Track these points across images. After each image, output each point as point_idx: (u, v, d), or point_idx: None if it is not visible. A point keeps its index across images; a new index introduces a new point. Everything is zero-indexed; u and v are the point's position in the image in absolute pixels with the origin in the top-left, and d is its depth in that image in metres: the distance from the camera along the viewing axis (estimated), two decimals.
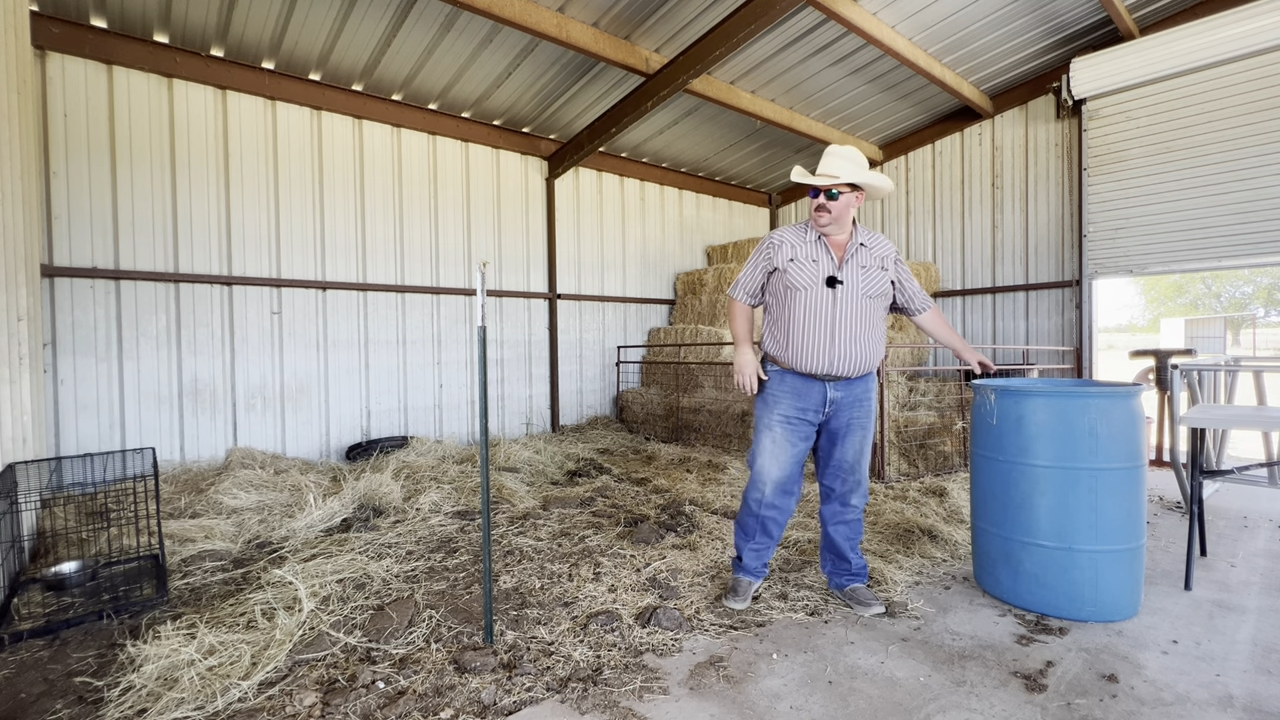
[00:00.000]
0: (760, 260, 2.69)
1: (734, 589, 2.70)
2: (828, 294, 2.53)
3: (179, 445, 5.16)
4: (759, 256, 2.70)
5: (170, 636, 2.27)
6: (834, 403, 2.60)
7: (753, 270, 2.72)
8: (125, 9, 4.67)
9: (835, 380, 2.58)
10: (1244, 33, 5.37)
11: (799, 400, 2.60)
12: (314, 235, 5.86)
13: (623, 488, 4.71)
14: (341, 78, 5.82)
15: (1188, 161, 5.89)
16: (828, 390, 2.59)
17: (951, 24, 5.90)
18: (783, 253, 2.61)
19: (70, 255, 4.71)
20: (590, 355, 8.06)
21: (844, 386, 2.60)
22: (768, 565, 2.80)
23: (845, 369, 2.53)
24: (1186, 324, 26.41)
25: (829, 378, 2.56)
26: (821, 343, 2.51)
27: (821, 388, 2.59)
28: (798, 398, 2.60)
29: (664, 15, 5.38)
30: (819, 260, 2.57)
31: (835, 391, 2.59)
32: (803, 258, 2.58)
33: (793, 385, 2.61)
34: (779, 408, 2.62)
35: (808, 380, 2.59)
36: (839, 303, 2.52)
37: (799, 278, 2.56)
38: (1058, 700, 1.98)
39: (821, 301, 2.53)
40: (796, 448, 2.62)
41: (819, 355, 2.52)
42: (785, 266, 2.59)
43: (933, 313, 2.79)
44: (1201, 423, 3.02)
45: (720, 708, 1.96)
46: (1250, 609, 2.63)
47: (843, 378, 2.57)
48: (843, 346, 2.51)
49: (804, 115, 7.50)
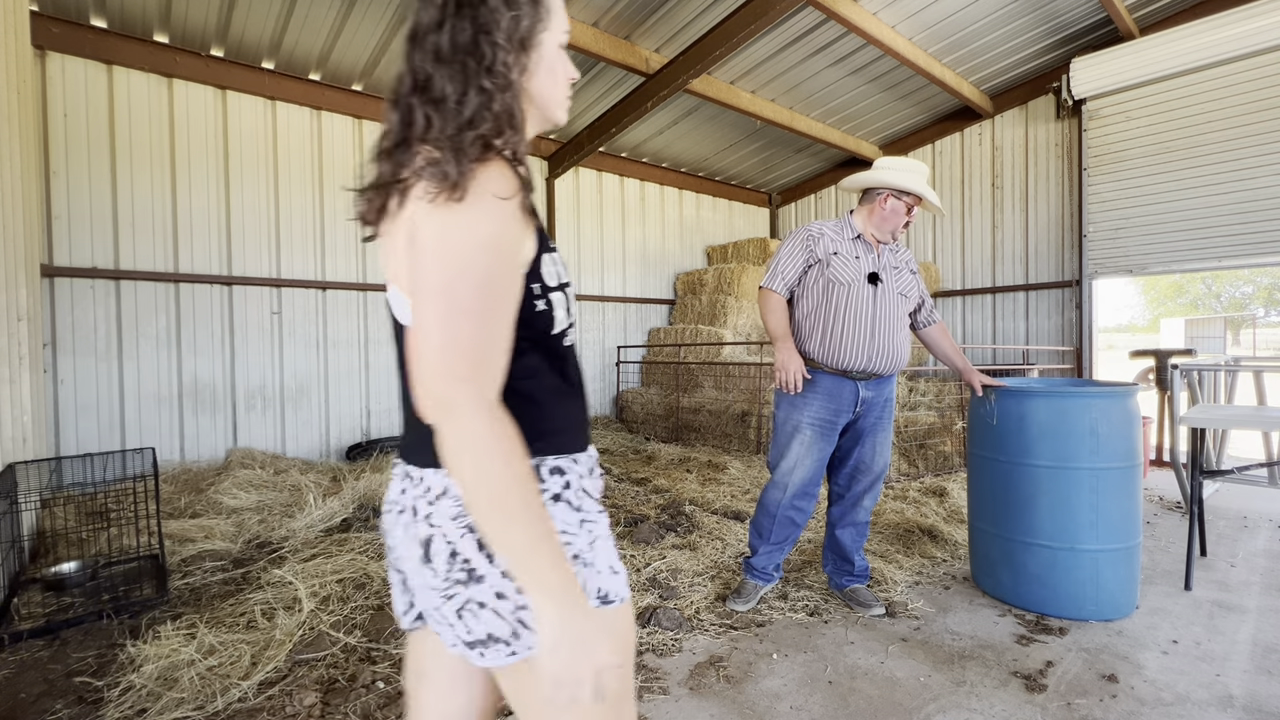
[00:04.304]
0: (799, 250, 2.59)
1: (739, 590, 2.69)
2: (869, 290, 2.51)
3: (179, 445, 5.16)
4: (796, 247, 2.60)
5: (170, 636, 2.27)
6: (865, 402, 2.57)
7: (792, 260, 2.60)
8: (125, 9, 4.67)
9: (869, 379, 2.55)
10: (1244, 33, 5.37)
11: (831, 401, 2.54)
12: (314, 235, 5.86)
13: (623, 488, 4.71)
14: (341, 78, 5.82)
15: (1188, 161, 5.89)
16: (860, 390, 2.55)
17: (951, 24, 5.89)
18: (824, 245, 2.56)
19: (70, 255, 4.71)
20: (590, 355, 8.06)
21: (875, 386, 2.58)
22: (780, 569, 2.75)
23: (882, 366, 2.52)
24: (1186, 324, 26.43)
25: (864, 375, 2.53)
26: (862, 339, 2.49)
27: (854, 387, 2.54)
28: (830, 399, 2.54)
29: (664, 15, 5.38)
30: (861, 257, 2.55)
31: (867, 391, 2.56)
32: (845, 253, 2.54)
33: (825, 386, 2.54)
34: (810, 409, 2.56)
35: (840, 380, 2.54)
36: (879, 300, 2.51)
37: (843, 273, 2.51)
38: (1058, 700, 1.98)
39: (863, 298, 2.50)
40: (824, 451, 2.59)
41: (859, 352, 2.49)
42: (829, 260, 2.53)
43: (938, 328, 2.77)
44: (1201, 423, 3.02)
45: (720, 708, 1.96)
46: (1250, 609, 2.63)
47: (877, 375, 2.55)
48: (881, 343, 2.50)
49: (804, 115, 7.49)
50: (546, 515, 0.75)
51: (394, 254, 0.81)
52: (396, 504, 0.88)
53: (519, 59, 0.81)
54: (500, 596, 0.79)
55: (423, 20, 0.80)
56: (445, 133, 0.75)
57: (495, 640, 0.79)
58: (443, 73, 0.77)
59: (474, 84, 0.77)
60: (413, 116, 0.78)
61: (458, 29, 0.78)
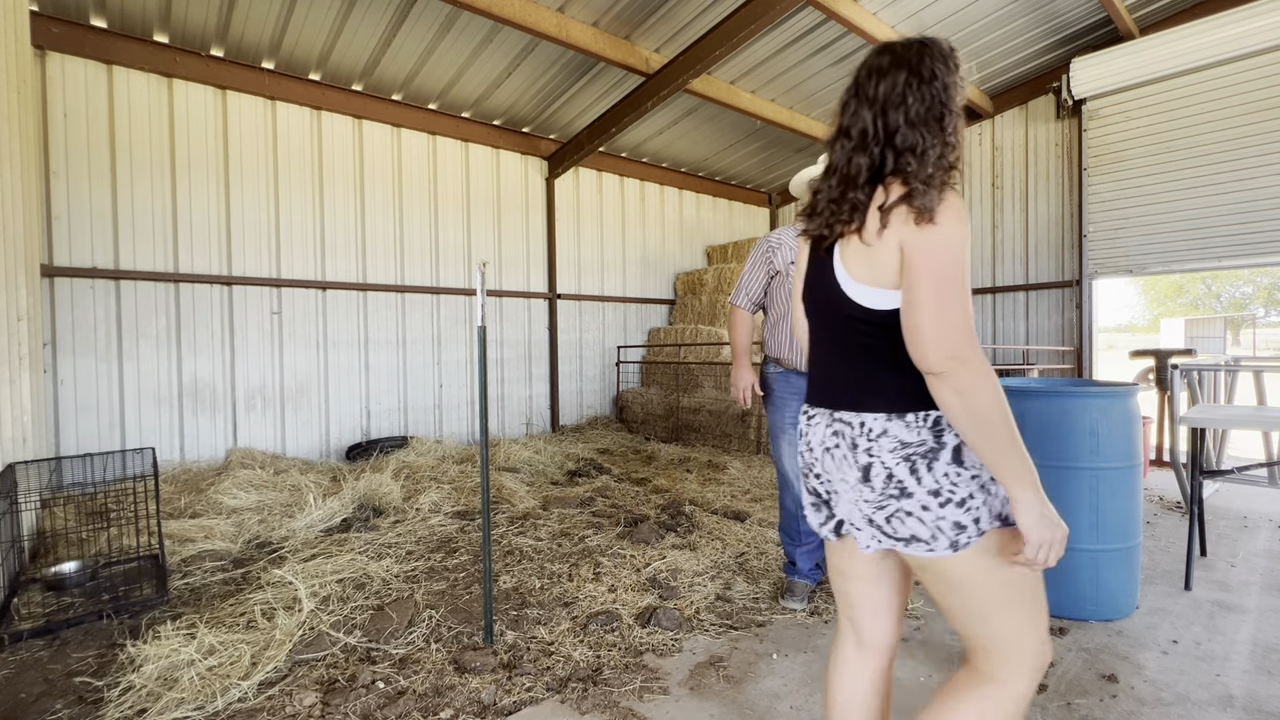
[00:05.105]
0: (760, 265, 2.71)
1: (791, 590, 2.69)
2: None
3: (179, 445, 5.16)
4: (758, 261, 2.72)
5: (170, 636, 2.27)
6: None
7: (753, 275, 2.73)
8: (125, 9, 4.67)
9: None
10: (1244, 33, 5.37)
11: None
12: (314, 235, 5.86)
13: (623, 488, 4.71)
14: (341, 78, 5.82)
15: (1187, 161, 5.89)
16: None
17: (951, 24, 5.89)
18: (781, 255, 2.64)
19: (70, 255, 4.71)
20: (590, 355, 8.06)
21: None
22: (821, 569, 2.76)
23: None
24: (1186, 324, 26.40)
25: None
26: None
27: None
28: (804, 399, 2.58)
29: (664, 15, 5.38)
30: None
31: None
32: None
33: (799, 386, 2.64)
34: (789, 410, 2.66)
35: None
36: None
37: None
38: (1058, 700, 1.98)
39: None
40: None
41: None
42: (787, 270, 2.62)
43: None
44: (1201, 423, 3.02)
45: (720, 708, 1.96)
46: (1250, 609, 2.63)
47: None
48: None
49: (804, 115, 7.49)
50: (1019, 434, 1.03)
51: (860, 256, 1.11)
52: (824, 443, 1.20)
53: (959, 118, 1.13)
54: (925, 509, 1.08)
55: (883, 90, 1.11)
56: (920, 175, 1.06)
57: (916, 540, 1.10)
58: (915, 131, 1.09)
59: (937, 139, 1.09)
60: (884, 160, 1.11)
61: (925, 99, 1.09)
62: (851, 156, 1.14)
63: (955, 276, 1.02)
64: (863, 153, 1.13)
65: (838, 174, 1.17)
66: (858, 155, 1.13)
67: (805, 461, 1.29)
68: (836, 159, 1.18)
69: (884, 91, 1.11)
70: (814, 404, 1.28)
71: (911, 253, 1.04)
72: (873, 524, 1.14)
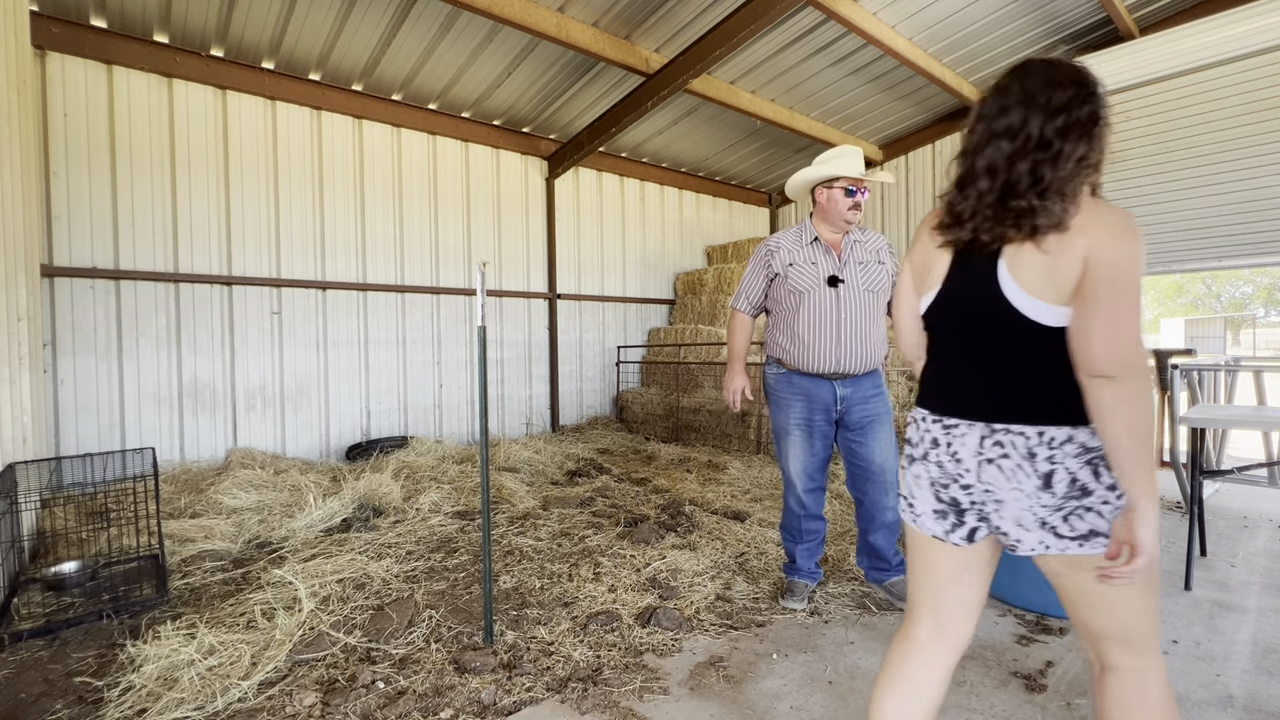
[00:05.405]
0: (759, 268, 2.74)
1: (790, 590, 2.70)
2: (831, 294, 2.58)
3: (179, 445, 5.16)
4: (758, 264, 2.75)
5: (170, 636, 2.27)
6: (844, 399, 2.63)
7: (754, 279, 2.77)
8: (125, 9, 4.67)
9: (842, 378, 2.61)
10: (1244, 33, 5.37)
11: (810, 401, 2.64)
12: (314, 235, 5.86)
13: (622, 488, 4.71)
14: (341, 78, 5.82)
15: (1187, 161, 5.89)
16: (837, 389, 2.62)
17: (951, 24, 5.89)
18: (780, 258, 2.67)
19: (70, 255, 4.71)
20: (590, 355, 8.06)
21: (852, 384, 2.63)
22: (820, 567, 2.80)
23: (851, 366, 2.57)
24: (1186, 324, 26.38)
25: (836, 376, 2.60)
26: (828, 342, 2.56)
27: (830, 387, 2.62)
28: (808, 399, 2.64)
29: (664, 15, 5.38)
30: (818, 262, 2.62)
31: (845, 389, 2.62)
32: (801, 261, 2.63)
33: (801, 387, 2.65)
34: (793, 411, 2.67)
35: (815, 380, 2.63)
36: (842, 301, 2.57)
37: (801, 281, 2.61)
38: (1058, 700, 1.98)
39: (825, 302, 2.57)
40: (818, 448, 2.67)
41: (826, 354, 2.56)
42: (785, 271, 2.64)
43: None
44: (1201, 423, 3.02)
45: (720, 708, 1.96)
46: (1250, 609, 2.63)
47: (849, 375, 2.60)
48: (848, 344, 2.56)
49: (804, 115, 7.50)
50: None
51: (1037, 266, 1.14)
52: (981, 454, 1.21)
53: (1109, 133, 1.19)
54: (1105, 503, 1.13)
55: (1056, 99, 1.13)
56: (1095, 187, 1.20)
57: (1096, 535, 1.13)
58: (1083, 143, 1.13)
59: (1098, 154, 1.17)
60: (1043, 168, 1.13)
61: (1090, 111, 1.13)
62: (1014, 162, 1.15)
63: (1138, 287, 1.08)
64: (1024, 158, 1.14)
65: (997, 179, 1.17)
66: (1020, 160, 1.14)
67: (945, 472, 1.26)
68: (991, 162, 1.18)
69: (1058, 101, 1.13)
70: (951, 414, 1.27)
71: (1102, 262, 1.08)
72: (1045, 526, 1.16)
